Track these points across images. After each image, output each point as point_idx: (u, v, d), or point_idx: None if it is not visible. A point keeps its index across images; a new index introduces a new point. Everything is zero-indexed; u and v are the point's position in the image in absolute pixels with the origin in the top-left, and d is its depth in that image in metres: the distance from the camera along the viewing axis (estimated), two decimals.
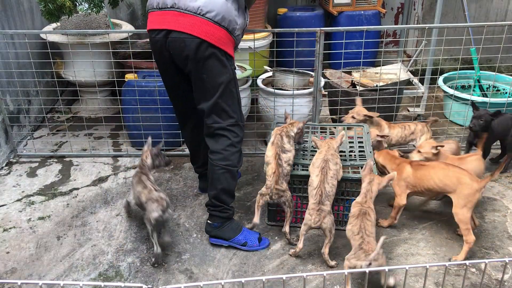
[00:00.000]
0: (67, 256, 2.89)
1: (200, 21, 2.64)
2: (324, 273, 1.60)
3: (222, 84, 2.76)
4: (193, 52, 2.67)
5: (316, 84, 3.68)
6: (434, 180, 2.85)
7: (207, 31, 2.64)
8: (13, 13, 4.17)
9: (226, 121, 2.82)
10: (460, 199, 2.77)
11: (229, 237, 2.90)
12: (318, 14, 5.18)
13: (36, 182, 3.63)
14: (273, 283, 2.65)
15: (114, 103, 4.74)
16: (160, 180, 3.60)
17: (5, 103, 3.92)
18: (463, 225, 2.75)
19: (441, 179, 2.83)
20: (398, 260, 2.83)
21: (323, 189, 2.69)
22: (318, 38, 3.50)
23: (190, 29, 2.64)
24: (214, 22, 2.64)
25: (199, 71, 2.74)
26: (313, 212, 2.68)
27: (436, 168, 2.89)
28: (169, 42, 2.72)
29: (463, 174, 2.80)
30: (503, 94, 4.56)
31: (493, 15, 5.34)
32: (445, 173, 2.84)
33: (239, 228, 2.93)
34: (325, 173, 2.72)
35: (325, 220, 2.67)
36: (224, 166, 2.83)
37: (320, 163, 2.76)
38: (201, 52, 2.67)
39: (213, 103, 2.78)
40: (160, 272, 2.76)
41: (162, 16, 2.72)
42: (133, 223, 3.17)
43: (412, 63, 4.73)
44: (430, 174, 2.87)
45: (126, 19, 5.14)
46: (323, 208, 2.68)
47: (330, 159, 2.77)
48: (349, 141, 3.30)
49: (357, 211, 2.61)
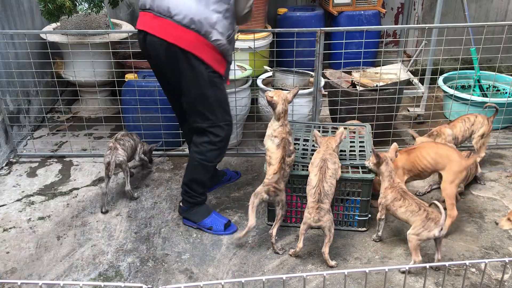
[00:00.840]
0: (67, 256, 2.89)
1: (168, 24, 2.65)
2: (324, 273, 1.60)
3: (194, 88, 2.78)
4: (164, 56, 2.72)
5: (316, 84, 3.68)
6: (426, 159, 3.00)
7: (175, 34, 2.64)
8: (13, 13, 4.17)
9: (204, 123, 2.89)
10: (449, 175, 2.93)
11: (197, 220, 3.06)
12: (318, 14, 5.18)
13: (36, 182, 3.63)
14: (273, 283, 2.65)
15: (114, 103, 4.74)
16: (160, 180, 3.60)
17: (5, 103, 3.92)
18: (449, 199, 2.93)
19: (433, 157, 2.98)
20: (398, 260, 2.83)
21: (322, 187, 2.70)
22: (318, 38, 3.50)
23: (159, 31, 2.67)
24: (182, 25, 2.63)
25: (172, 74, 2.78)
26: (312, 211, 2.69)
27: (426, 148, 3.06)
28: (147, 45, 2.78)
29: (451, 152, 2.99)
30: (503, 94, 4.56)
31: (493, 15, 5.34)
32: (435, 151, 3.00)
33: (207, 212, 3.06)
34: (323, 172, 2.73)
35: (324, 218, 2.67)
36: (199, 159, 2.95)
37: (319, 162, 2.77)
38: (171, 56, 2.69)
39: (189, 106, 2.89)
40: (160, 272, 2.76)
41: (143, 17, 2.79)
42: (133, 223, 3.17)
43: (412, 63, 4.73)
44: (423, 154, 3.02)
45: (126, 19, 5.14)
46: (322, 206, 2.68)
47: (328, 158, 2.78)
48: (350, 140, 3.30)
49: (398, 195, 2.75)
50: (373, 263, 2.82)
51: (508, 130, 4.32)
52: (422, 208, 2.67)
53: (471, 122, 3.55)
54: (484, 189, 3.48)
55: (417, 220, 2.66)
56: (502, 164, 3.81)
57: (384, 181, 2.83)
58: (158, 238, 3.03)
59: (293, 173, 2.92)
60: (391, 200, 2.77)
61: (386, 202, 2.79)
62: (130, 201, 3.38)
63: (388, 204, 2.79)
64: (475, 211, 3.25)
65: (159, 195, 3.44)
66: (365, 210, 3.01)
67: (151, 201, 3.39)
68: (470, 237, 3.01)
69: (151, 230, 3.11)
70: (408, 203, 2.72)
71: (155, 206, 3.34)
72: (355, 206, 3.00)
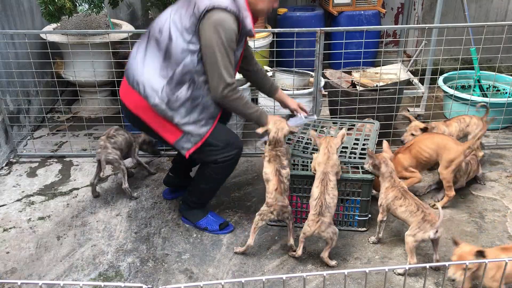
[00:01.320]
0: (67, 256, 2.89)
1: (124, 84, 2.83)
2: (324, 273, 1.60)
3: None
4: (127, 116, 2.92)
5: (316, 84, 3.68)
6: (427, 151, 3.18)
7: (124, 94, 2.84)
8: (13, 13, 4.17)
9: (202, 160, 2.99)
10: (446, 161, 3.13)
11: (193, 220, 3.10)
12: (318, 14, 5.18)
13: (36, 182, 3.63)
14: (273, 283, 2.65)
15: (114, 103, 4.74)
16: (160, 180, 3.60)
17: (5, 103, 3.92)
18: (446, 182, 3.17)
19: (432, 147, 3.17)
20: (398, 260, 2.83)
21: (324, 200, 2.66)
22: (318, 38, 3.50)
23: (121, 92, 2.89)
24: (130, 86, 2.76)
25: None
26: (312, 224, 2.65)
27: (423, 141, 3.23)
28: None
29: (447, 140, 3.19)
30: (503, 94, 4.56)
31: (493, 15, 5.34)
32: (432, 141, 3.20)
33: (203, 213, 3.09)
34: (325, 184, 2.69)
35: (326, 231, 2.65)
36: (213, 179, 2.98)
37: (320, 175, 2.74)
38: (128, 117, 2.90)
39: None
40: (160, 272, 2.76)
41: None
42: (133, 223, 3.17)
43: (412, 63, 4.73)
44: (422, 147, 3.19)
45: (126, 19, 5.14)
46: (323, 220, 2.64)
47: (330, 171, 2.73)
48: (355, 138, 3.29)
49: (399, 193, 2.75)
50: (373, 263, 2.82)
51: (508, 130, 4.32)
52: (420, 209, 2.67)
53: (466, 123, 3.57)
54: (484, 189, 3.48)
55: (414, 221, 2.66)
56: (502, 164, 3.81)
57: (385, 182, 2.82)
58: (158, 238, 3.04)
59: (293, 173, 2.91)
60: (392, 199, 2.77)
61: (387, 202, 2.79)
62: (130, 201, 3.38)
63: (389, 203, 2.78)
64: (475, 211, 3.25)
65: (159, 195, 3.44)
66: (365, 210, 3.01)
67: (151, 201, 3.39)
68: (470, 237, 3.01)
69: (151, 230, 3.11)
70: (408, 202, 2.72)
71: (155, 206, 3.34)
72: (355, 206, 3.00)
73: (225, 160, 2.82)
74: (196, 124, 2.74)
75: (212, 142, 2.78)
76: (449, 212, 3.22)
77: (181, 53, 2.60)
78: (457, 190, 3.32)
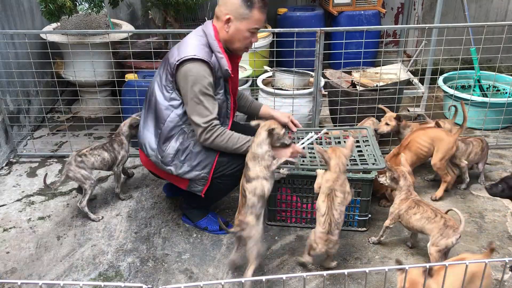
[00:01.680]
0: (67, 256, 2.89)
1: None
2: (324, 273, 1.60)
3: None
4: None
5: (316, 84, 3.68)
6: (425, 145, 3.26)
7: (140, 151, 3.05)
8: (13, 13, 4.17)
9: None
10: (439, 153, 3.24)
11: (194, 219, 3.12)
12: (318, 14, 5.18)
13: (36, 182, 3.63)
14: (273, 283, 2.65)
15: (114, 103, 4.74)
16: (160, 180, 3.59)
17: (5, 103, 3.92)
18: (441, 171, 3.29)
19: (428, 141, 3.25)
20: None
21: (332, 216, 2.53)
22: (318, 38, 3.49)
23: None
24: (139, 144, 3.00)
25: None
26: (320, 241, 2.56)
27: (419, 136, 3.29)
28: None
29: (439, 132, 3.30)
30: (503, 94, 4.56)
31: (493, 15, 5.34)
32: (426, 135, 3.28)
33: (203, 213, 3.11)
34: (331, 199, 2.53)
35: (334, 247, 2.60)
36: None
37: (325, 190, 2.56)
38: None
39: None
40: (160, 272, 2.76)
41: None
42: (133, 223, 3.17)
43: (412, 63, 4.72)
44: (420, 142, 3.26)
45: (126, 19, 5.14)
46: (331, 238, 2.55)
47: (338, 188, 2.54)
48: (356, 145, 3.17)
49: (412, 203, 2.71)
50: (373, 263, 2.82)
51: (508, 130, 4.31)
52: (439, 215, 2.61)
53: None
54: (484, 189, 3.47)
55: (434, 228, 2.59)
56: (502, 164, 3.80)
57: (401, 194, 2.76)
58: (158, 238, 3.04)
59: (293, 173, 2.91)
60: (405, 209, 2.71)
61: (400, 212, 2.74)
62: (130, 201, 3.38)
63: (402, 214, 2.73)
64: (475, 211, 3.25)
65: (159, 195, 3.44)
66: (365, 210, 3.01)
67: (151, 201, 3.39)
68: (470, 237, 3.01)
69: (151, 230, 3.11)
70: (423, 209, 2.66)
71: (155, 206, 3.34)
72: (355, 206, 2.99)
73: (232, 173, 2.82)
74: (195, 170, 2.81)
75: (218, 169, 2.83)
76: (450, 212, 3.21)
77: (165, 110, 2.76)
78: (457, 190, 3.31)
